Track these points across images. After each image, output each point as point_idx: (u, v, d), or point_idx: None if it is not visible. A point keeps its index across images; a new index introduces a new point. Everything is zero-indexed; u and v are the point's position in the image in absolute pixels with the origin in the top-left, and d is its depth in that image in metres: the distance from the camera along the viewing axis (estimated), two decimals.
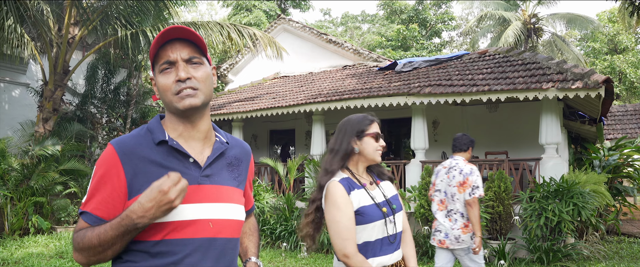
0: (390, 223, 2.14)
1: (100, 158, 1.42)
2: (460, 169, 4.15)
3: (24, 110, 11.75)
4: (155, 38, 1.44)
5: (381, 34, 27.97)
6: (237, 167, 1.58)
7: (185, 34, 1.43)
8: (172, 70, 1.43)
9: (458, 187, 4.13)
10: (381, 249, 2.10)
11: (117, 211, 1.38)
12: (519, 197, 7.15)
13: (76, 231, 1.39)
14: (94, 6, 9.93)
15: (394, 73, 10.23)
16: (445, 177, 4.26)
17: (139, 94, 12.95)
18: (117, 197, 1.38)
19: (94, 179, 1.41)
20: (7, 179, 8.29)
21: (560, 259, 6.44)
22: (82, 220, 1.40)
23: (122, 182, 1.37)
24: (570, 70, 7.10)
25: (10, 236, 8.04)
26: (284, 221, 8.36)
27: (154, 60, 1.47)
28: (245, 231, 1.78)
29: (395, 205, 2.19)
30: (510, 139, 9.95)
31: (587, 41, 28.63)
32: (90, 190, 1.41)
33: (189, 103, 1.40)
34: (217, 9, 37.83)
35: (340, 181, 2.12)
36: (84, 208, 1.40)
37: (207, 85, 1.46)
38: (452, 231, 4.12)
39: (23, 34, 8.96)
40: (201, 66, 1.46)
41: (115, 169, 1.38)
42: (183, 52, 1.43)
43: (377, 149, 2.20)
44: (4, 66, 11.10)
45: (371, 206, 2.10)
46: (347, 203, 2.06)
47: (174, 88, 1.41)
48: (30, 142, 9.37)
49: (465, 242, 4.10)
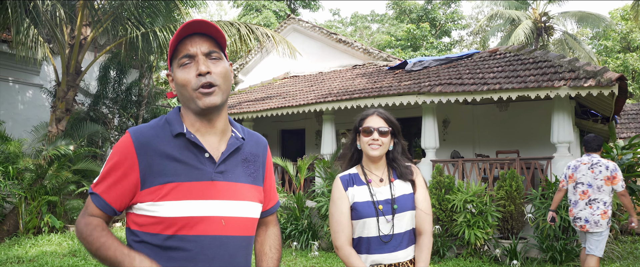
0: (387, 223, 2.10)
1: (117, 145, 1.43)
2: (606, 165, 4.88)
3: (37, 111, 11.89)
4: (176, 31, 1.42)
5: (391, 34, 27.91)
6: (253, 163, 1.55)
7: (205, 28, 1.42)
8: (192, 64, 1.41)
9: (605, 181, 4.85)
10: (374, 247, 2.10)
11: (126, 200, 1.39)
12: (530, 196, 7.10)
13: (85, 215, 1.42)
14: (106, 7, 10.02)
15: (404, 72, 10.21)
16: (589, 172, 4.94)
17: (150, 94, 13.04)
18: (128, 186, 1.38)
19: (108, 162, 1.42)
20: (22, 179, 8.39)
21: (573, 259, 6.38)
22: (91, 200, 1.43)
23: (135, 173, 1.37)
24: (582, 68, 7.04)
25: (24, 235, 8.14)
26: (295, 220, 8.38)
27: (173, 55, 1.45)
28: (265, 251, 1.67)
29: (397, 205, 2.12)
30: (521, 138, 9.88)
31: (599, 39, 28.30)
32: (103, 172, 1.42)
33: (209, 102, 1.39)
34: (227, 10, 37.97)
35: (342, 176, 2.21)
36: (95, 189, 1.42)
37: (226, 81, 1.45)
38: (592, 217, 4.84)
39: (37, 36, 9.08)
40: (220, 61, 1.45)
41: (130, 158, 1.38)
42: (203, 46, 1.42)
43: (368, 144, 2.16)
44: (18, 68, 11.24)
45: (365, 203, 2.12)
46: (341, 198, 2.14)
47: (194, 83, 1.39)
48: (44, 142, 9.48)
49: (602, 226, 4.81)
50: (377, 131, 2.15)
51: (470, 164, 8.34)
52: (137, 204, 1.39)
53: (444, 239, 7.05)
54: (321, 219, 8.19)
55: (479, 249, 6.93)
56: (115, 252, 1.34)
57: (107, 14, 9.74)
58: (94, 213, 1.42)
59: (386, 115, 2.21)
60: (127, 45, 9.92)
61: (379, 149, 2.15)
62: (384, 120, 2.19)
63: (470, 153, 10.40)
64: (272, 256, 1.66)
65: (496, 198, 7.08)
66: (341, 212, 2.12)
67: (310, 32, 13.85)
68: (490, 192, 7.23)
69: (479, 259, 6.78)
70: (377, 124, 2.16)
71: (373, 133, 2.15)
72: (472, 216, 6.79)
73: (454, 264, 6.60)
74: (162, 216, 1.35)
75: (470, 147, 10.53)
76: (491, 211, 6.76)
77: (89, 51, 12.55)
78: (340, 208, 2.13)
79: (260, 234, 1.70)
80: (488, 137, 10.40)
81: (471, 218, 6.77)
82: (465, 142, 10.62)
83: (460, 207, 6.85)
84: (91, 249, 1.37)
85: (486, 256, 6.87)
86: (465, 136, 10.65)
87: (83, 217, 1.42)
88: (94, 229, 1.37)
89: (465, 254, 6.89)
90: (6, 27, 8.57)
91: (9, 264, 6.26)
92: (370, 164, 2.21)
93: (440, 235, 7.11)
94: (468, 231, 6.67)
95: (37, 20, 8.73)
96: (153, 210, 1.36)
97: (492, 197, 7.15)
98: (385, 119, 2.19)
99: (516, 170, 7.37)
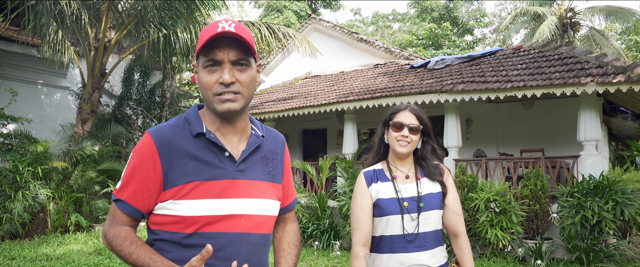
0: (412, 221, 2.01)
1: (138, 146, 1.42)
2: None
3: (64, 112, 12.16)
4: (205, 30, 1.40)
5: (412, 33, 27.69)
6: (272, 161, 1.55)
7: (236, 35, 1.38)
8: (217, 70, 1.38)
9: None
10: (398, 246, 2.02)
11: (151, 201, 1.39)
12: (555, 195, 6.94)
13: (114, 224, 1.40)
14: (129, 10, 10.19)
15: (426, 71, 10.11)
16: None
17: (173, 95, 13.22)
18: (152, 187, 1.38)
19: (129, 166, 1.41)
20: (50, 179, 8.60)
21: (601, 260, 6.20)
22: (117, 207, 1.41)
23: (158, 173, 1.37)
24: (610, 64, 6.85)
25: (52, 233, 8.34)
26: (316, 220, 8.37)
27: (200, 52, 1.41)
28: (283, 247, 1.66)
29: (424, 203, 2.03)
30: (546, 136, 9.68)
31: (628, 35, 27.53)
32: (125, 177, 1.41)
33: (228, 107, 1.39)
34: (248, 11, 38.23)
35: (366, 172, 2.13)
36: (119, 196, 1.41)
37: (250, 89, 1.43)
38: None
39: (63, 40, 9.30)
40: (248, 69, 1.42)
41: (152, 159, 1.37)
42: (231, 53, 1.38)
43: (396, 139, 2.08)
44: (46, 71, 11.53)
45: (389, 199, 2.04)
46: (362, 194, 2.08)
47: (216, 89, 1.38)
48: (70, 143, 9.69)
49: None
50: (408, 128, 2.07)
51: (493, 162, 8.21)
52: (158, 204, 1.39)
53: None
54: (343, 218, 8.16)
55: (503, 249, 6.81)
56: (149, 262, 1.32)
57: (130, 17, 9.90)
58: (122, 221, 1.41)
59: (418, 113, 2.13)
60: (150, 47, 10.07)
61: (407, 146, 2.07)
62: (416, 117, 2.11)
63: (494, 152, 10.24)
64: (290, 252, 1.65)
65: (520, 197, 6.95)
66: (361, 208, 2.05)
67: (331, 31, 13.84)
68: (514, 191, 7.10)
69: (502, 259, 6.66)
70: (408, 120, 2.09)
71: (403, 129, 2.07)
72: (495, 216, 6.68)
73: (478, 264, 6.50)
74: (183, 215, 1.36)
75: (494, 146, 10.37)
76: (515, 210, 6.63)
77: (113, 53, 12.80)
78: (361, 205, 2.06)
79: (279, 231, 1.70)
80: (512, 135, 10.22)
81: (494, 217, 6.66)
82: (488, 141, 10.46)
83: (483, 206, 6.75)
84: (123, 258, 1.36)
85: (510, 256, 6.75)
86: (489, 134, 10.49)
87: (111, 227, 1.41)
88: (123, 242, 1.36)
89: (489, 254, 6.78)
90: (35, 31, 8.79)
91: (38, 261, 6.41)
92: (397, 161, 2.14)
93: None
94: (491, 231, 6.56)
95: (63, 24, 8.94)
96: (174, 209, 1.37)
97: (516, 196, 7.02)
98: (417, 116, 2.11)
99: (541, 169, 7.22)
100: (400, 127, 2.08)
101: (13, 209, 7.74)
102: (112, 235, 1.39)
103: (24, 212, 7.87)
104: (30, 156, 8.60)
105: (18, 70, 11.14)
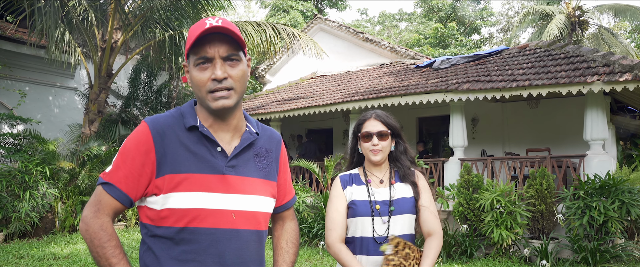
0: (383, 223, 2.05)
1: (133, 134, 1.43)
2: None
3: (71, 113, 12.26)
4: (192, 28, 1.40)
5: (419, 32, 27.61)
6: (265, 158, 1.56)
7: (224, 29, 1.39)
8: (209, 66, 1.39)
9: None
10: (368, 248, 2.05)
11: (142, 189, 1.39)
12: (561, 195, 6.90)
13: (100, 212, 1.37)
14: (135, 11, 10.26)
15: (432, 70, 10.10)
16: None
17: (179, 95, 13.28)
18: (144, 174, 1.38)
19: (122, 151, 1.40)
20: (58, 179, 8.68)
21: (608, 261, 6.15)
22: (105, 191, 1.38)
23: (151, 161, 1.38)
24: (617, 62, 6.80)
25: (60, 233, 8.43)
26: (321, 219, 8.38)
27: (190, 51, 1.42)
28: (281, 245, 1.67)
29: (395, 207, 2.07)
30: (552, 135, 9.63)
31: (638, 32, 27.27)
32: (116, 161, 1.40)
33: (222, 104, 1.40)
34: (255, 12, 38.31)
35: (342, 176, 2.21)
36: (108, 179, 1.39)
37: (242, 83, 1.44)
38: None
39: (71, 41, 9.37)
40: (239, 63, 1.43)
41: (147, 146, 1.38)
42: (221, 49, 1.39)
43: (369, 149, 2.12)
44: (54, 72, 11.62)
45: (362, 202, 2.09)
46: (338, 196, 2.14)
47: (209, 86, 1.39)
48: (78, 143, 9.77)
49: None
50: (376, 135, 2.11)
51: (499, 162, 8.18)
52: (149, 197, 1.40)
53: (472, 239, 6.93)
54: None
55: (508, 249, 6.78)
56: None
57: (137, 18, 9.97)
58: (108, 208, 1.38)
59: (384, 118, 2.16)
60: (156, 48, 10.13)
61: (379, 153, 2.11)
62: (382, 123, 2.14)
63: (500, 151, 10.20)
64: (289, 250, 1.66)
65: (526, 197, 6.92)
66: (336, 209, 2.11)
67: (337, 31, 13.84)
68: (519, 190, 7.07)
69: (508, 259, 6.63)
70: (375, 128, 2.12)
71: (372, 138, 2.12)
72: (500, 215, 6.65)
73: (483, 264, 6.48)
74: (173, 208, 1.36)
75: (499, 145, 10.33)
76: (520, 210, 6.60)
77: (120, 54, 12.86)
78: (336, 206, 2.11)
79: (277, 229, 1.71)
80: (518, 135, 10.18)
81: (499, 217, 6.63)
82: (494, 140, 10.42)
83: (488, 206, 6.72)
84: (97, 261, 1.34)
85: (516, 256, 6.72)
86: (495, 134, 10.45)
87: (97, 216, 1.37)
88: (109, 240, 1.35)
89: (494, 254, 6.75)
90: (43, 33, 8.88)
91: (46, 260, 6.48)
92: (372, 167, 2.19)
93: (468, 234, 6.99)
94: (496, 231, 6.53)
95: (70, 25, 9.02)
96: (164, 202, 1.37)
97: (521, 196, 6.98)
98: (383, 122, 2.14)
99: (547, 168, 7.18)
100: (368, 136, 2.13)
101: (21, 209, 7.83)
102: (98, 226, 1.35)
103: (32, 212, 7.96)
104: (38, 156, 8.69)
105: (27, 72, 11.25)
